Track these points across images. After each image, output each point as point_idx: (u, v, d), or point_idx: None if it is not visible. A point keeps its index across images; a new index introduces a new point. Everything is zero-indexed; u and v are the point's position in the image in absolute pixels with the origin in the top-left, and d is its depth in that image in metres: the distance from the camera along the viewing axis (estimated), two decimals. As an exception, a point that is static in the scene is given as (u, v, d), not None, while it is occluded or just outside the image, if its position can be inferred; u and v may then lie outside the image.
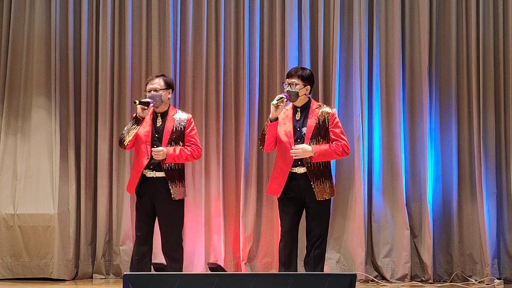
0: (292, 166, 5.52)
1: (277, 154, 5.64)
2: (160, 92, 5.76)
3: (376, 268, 6.94)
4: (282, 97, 5.44)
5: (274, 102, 5.41)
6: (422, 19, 6.99)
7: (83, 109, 7.13)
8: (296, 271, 5.70)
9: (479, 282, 6.75)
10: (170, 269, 5.74)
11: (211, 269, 6.83)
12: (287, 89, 5.52)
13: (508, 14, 6.94)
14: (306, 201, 5.54)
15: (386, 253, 6.90)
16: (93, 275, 7.09)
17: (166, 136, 5.74)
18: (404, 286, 6.67)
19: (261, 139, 5.60)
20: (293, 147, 5.50)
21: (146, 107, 5.66)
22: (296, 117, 5.60)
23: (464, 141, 6.97)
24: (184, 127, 5.81)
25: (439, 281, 6.87)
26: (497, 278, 6.66)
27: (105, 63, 7.14)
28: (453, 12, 7.02)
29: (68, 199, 7.02)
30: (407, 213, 6.90)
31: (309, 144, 5.50)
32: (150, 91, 5.77)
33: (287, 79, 5.59)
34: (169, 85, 5.84)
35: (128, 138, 5.71)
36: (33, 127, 7.08)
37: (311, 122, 5.54)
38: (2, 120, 7.14)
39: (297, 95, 5.52)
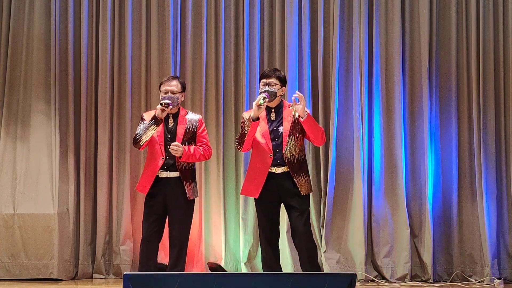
0: (271, 166, 5.53)
1: (253, 155, 5.66)
2: (177, 95, 5.80)
3: (376, 268, 6.94)
4: (265, 97, 5.44)
5: (261, 101, 5.39)
6: (422, 19, 6.99)
7: (83, 109, 7.13)
8: (281, 271, 5.71)
9: (479, 282, 6.75)
10: (171, 270, 5.72)
11: (211, 269, 6.86)
12: (265, 89, 5.52)
13: (508, 14, 6.94)
14: (286, 199, 5.54)
15: (386, 253, 6.90)
16: (93, 275, 7.08)
17: (179, 137, 5.76)
18: (404, 286, 6.67)
19: (240, 139, 5.58)
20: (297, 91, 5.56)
21: (166, 109, 5.68)
22: (271, 117, 5.61)
23: (464, 141, 6.97)
24: (196, 128, 5.85)
25: (439, 281, 6.87)
26: (497, 278, 6.66)
27: (105, 63, 7.14)
28: (453, 12, 7.02)
29: (68, 199, 7.02)
30: (407, 213, 6.89)
31: (287, 141, 5.52)
32: (167, 92, 5.78)
33: (264, 79, 5.60)
34: (183, 88, 5.91)
35: (145, 139, 5.70)
36: (33, 126, 7.07)
37: (287, 120, 5.57)
38: (2, 120, 7.13)
39: (275, 95, 5.55)
